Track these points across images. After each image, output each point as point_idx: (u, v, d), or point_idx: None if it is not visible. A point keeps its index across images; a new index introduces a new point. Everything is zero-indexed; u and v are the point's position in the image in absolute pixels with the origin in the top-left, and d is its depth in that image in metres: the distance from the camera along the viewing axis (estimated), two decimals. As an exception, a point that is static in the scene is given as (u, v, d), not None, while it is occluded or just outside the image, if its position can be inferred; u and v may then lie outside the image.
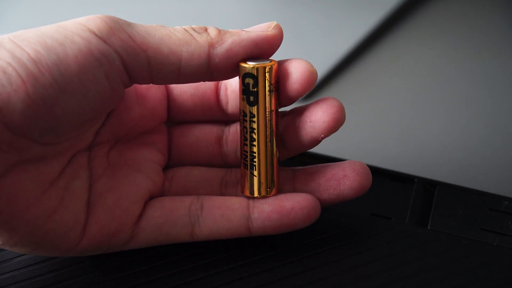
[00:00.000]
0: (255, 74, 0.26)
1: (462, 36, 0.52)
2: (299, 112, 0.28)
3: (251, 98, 0.27)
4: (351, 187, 0.28)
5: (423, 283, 0.28)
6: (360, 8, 0.52)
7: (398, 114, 0.45)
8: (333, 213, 0.31)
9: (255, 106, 0.27)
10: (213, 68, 0.26)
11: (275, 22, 0.27)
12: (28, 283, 0.28)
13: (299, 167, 0.29)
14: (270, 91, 0.27)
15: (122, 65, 0.25)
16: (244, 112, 0.27)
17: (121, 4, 0.52)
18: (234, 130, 0.30)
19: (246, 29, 0.27)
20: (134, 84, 0.29)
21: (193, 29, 0.26)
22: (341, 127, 0.44)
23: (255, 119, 0.27)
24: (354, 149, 0.42)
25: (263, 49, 0.26)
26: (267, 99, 0.27)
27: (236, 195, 0.29)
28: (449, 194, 0.32)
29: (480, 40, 0.51)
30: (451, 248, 0.29)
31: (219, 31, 0.26)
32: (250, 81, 0.27)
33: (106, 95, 0.25)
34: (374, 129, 0.44)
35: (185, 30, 0.26)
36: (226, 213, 0.27)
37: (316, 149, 0.35)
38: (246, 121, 0.27)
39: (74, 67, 0.23)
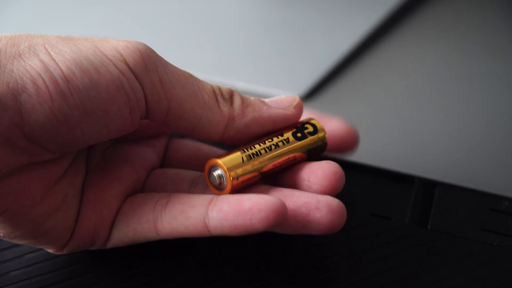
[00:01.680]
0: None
1: (462, 36, 0.52)
2: (300, 165, 0.28)
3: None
4: (320, 221, 0.25)
5: (423, 283, 0.28)
6: (360, 8, 0.52)
7: (398, 114, 0.45)
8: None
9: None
10: (226, 137, 0.26)
11: (298, 99, 0.28)
12: (28, 283, 0.28)
13: (277, 187, 0.28)
14: None
15: (145, 105, 0.25)
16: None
17: (121, 4, 0.52)
18: None
19: (267, 101, 0.27)
20: None
21: (221, 93, 0.26)
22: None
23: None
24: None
25: (279, 126, 0.27)
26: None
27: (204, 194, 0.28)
28: (449, 194, 0.32)
29: (480, 40, 0.51)
30: (451, 248, 0.29)
31: (242, 101, 0.26)
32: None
33: (126, 127, 0.25)
34: (374, 129, 0.44)
35: (214, 92, 0.26)
36: (186, 209, 0.26)
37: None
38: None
39: (103, 96, 0.23)
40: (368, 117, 0.45)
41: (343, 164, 0.34)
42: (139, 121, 0.26)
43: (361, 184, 0.33)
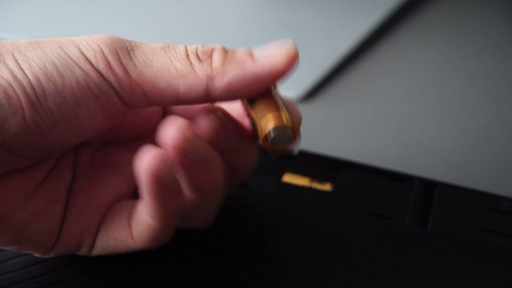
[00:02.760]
0: None
1: (462, 36, 0.52)
2: None
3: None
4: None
5: (423, 283, 0.28)
6: (360, 8, 0.52)
7: (398, 114, 0.45)
8: (332, 213, 0.31)
9: None
10: (213, 99, 0.25)
11: (293, 49, 0.25)
12: (28, 283, 0.28)
13: None
14: None
15: (119, 99, 0.24)
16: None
17: (121, 4, 0.52)
18: None
19: (257, 52, 0.25)
20: None
21: (197, 56, 0.25)
22: (341, 127, 0.44)
23: None
24: (354, 149, 0.42)
25: (267, 83, 0.25)
26: None
27: None
28: (449, 194, 0.32)
29: (480, 40, 0.51)
30: (451, 248, 0.29)
31: (224, 59, 0.25)
32: None
33: (102, 125, 0.25)
34: (374, 129, 0.44)
35: (187, 57, 0.25)
36: (138, 206, 0.26)
37: (316, 150, 0.35)
38: None
39: (70, 100, 0.23)
40: (368, 117, 0.45)
41: (343, 164, 0.34)
42: (118, 118, 0.25)
43: (361, 184, 0.33)
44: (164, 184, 0.23)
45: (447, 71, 0.49)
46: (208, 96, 0.25)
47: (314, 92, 0.46)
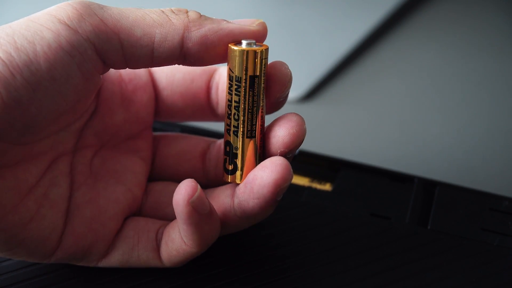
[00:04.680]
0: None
1: (462, 36, 0.52)
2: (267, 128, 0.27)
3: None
4: (262, 185, 0.25)
5: (423, 283, 0.28)
6: (360, 8, 0.52)
7: (398, 114, 0.45)
8: (332, 213, 0.31)
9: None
10: (186, 52, 0.25)
11: (261, 20, 0.27)
12: (28, 283, 0.28)
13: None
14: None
15: (95, 53, 0.24)
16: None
17: (120, 4, 0.52)
18: (218, 146, 0.30)
19: (231, 21, 0.26)
20: (120, 88, 0.29)
21: (172, 11, 0.26)
22: (341, 127, 0.44)
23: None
24: (354, 149, 0.42)
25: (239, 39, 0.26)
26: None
27: None
28: (449, 194, 0.32)
29: (480, 40, 0.51)
30: (451, 248, 0.29)
31: (200, 16, 0.26)
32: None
33: (81, 86, 0.25)
34: (374, 129, 0.44)
35: (162, 11, 0.25)
36: (170, 232, 0.27)
37: (316, 150, 0.35)
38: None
39: (44, 65, 0.23)
40: (368, 117, 0.45)
41: (343, 164, 0.34)
42: (98, 78, 0.25)
43: (361, 184, 0.33)
44: (199, 211, 0.25)
45: (447, 71, 0.49)
46: (182, 47, 0.25)
47: (314, 92, 0.46)
